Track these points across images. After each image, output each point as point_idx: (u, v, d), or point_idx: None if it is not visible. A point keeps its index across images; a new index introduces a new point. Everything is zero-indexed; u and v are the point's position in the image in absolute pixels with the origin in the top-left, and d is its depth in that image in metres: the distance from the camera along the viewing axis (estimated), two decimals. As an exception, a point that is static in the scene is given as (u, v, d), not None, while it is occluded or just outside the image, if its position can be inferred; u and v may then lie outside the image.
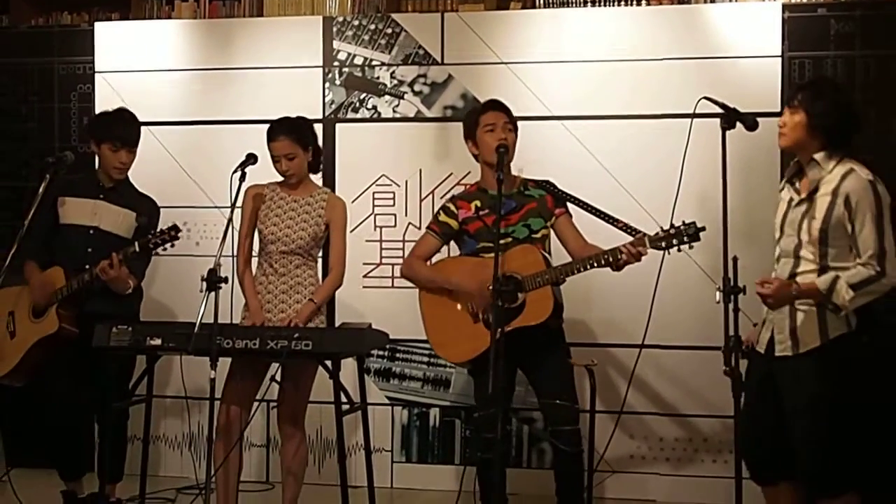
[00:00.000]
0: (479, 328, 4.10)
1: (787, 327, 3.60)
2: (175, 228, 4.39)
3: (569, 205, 4.30)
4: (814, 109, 3.58)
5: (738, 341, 3.48)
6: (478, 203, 4.29)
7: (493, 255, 3.85)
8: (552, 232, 4.30)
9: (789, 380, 3.57)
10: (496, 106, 4.31)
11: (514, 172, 4.32)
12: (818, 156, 3.61)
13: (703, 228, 3.85)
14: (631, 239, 3.97)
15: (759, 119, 3.70)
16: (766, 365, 3.66)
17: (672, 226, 3.88)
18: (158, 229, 4.46)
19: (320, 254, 4.50)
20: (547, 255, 4.20)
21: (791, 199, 3.69)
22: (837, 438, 3.51)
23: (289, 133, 4.35)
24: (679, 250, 3.91)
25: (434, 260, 4.48)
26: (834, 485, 3.54)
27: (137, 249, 4.39)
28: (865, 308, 3.53)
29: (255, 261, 4.49)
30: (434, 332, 4.29)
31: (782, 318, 3.62)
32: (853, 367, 3.55)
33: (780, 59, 5.05)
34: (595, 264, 4.00)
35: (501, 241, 4.10)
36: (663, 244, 3.90)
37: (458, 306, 4.22)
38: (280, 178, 4.45)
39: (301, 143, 4.38)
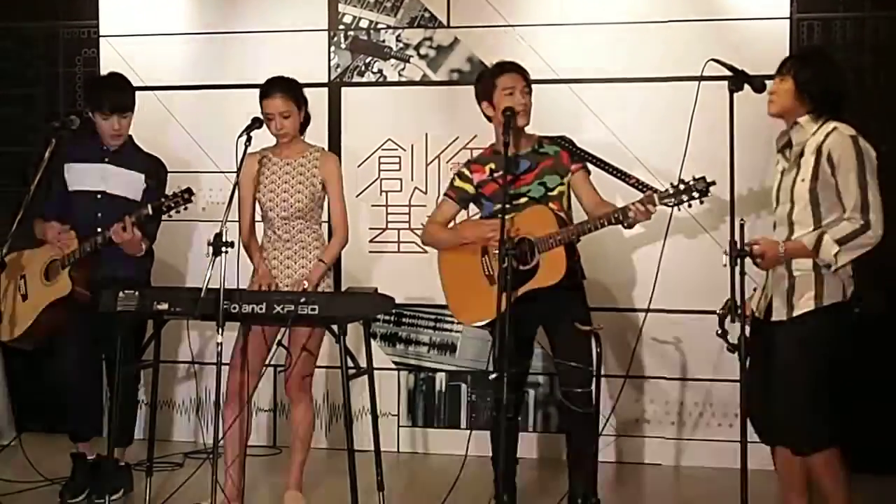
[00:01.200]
0: (496, 291, 4.09)
1: (784, 293, 3.64)
2: (189, 191, 4.37)
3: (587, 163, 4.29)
4: (801, 77, 3.62)
5: (735, 305, 3.51)
6: (492, 166, 4.28)
7: (510, 215, 3.84)
8: (570, 189, 4.28)
9: (782, 342, 3.62)
10: (515, 68, 4.26)
11: (529, 131, 4.28)
12: (802, 119, 3.64)
13: (713, 183, 3.83)
14: (641, 197, 3.96)
15: (767, 82, 3.68)
16: (764, 330, 3.70)
17: (681, 181, 3.87)
18: (172, 192, 4.44)
19: (324, 216, 4.50)
20: (563, 214, 4.19)
21: (784, 168, 3.72)
22: (822, 398, 3.57)
23: (285, 91, 4.32)
24: (689, 206, 3.90)
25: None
26: (816, 440, 3.59)
27: (150, 212, 4.38)
28: (859, 281, 3.59)
29: (260, 227, 4.48)
30: (453, 296, 4.30)
31: (779, 283, 3.66)
32: (843, 334, 3.60)
33: (788, 21, 5.02)
34: (606, 223, 4.00)
35: (517, 202, 4.15)
36: (673, 200, 3.89)
37: (475, 271, 4.23)
38: (270, 145, 4.42)
39: (296, 102, 4.35)
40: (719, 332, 3.63)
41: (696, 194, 3.85)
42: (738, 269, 3.46)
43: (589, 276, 4.30)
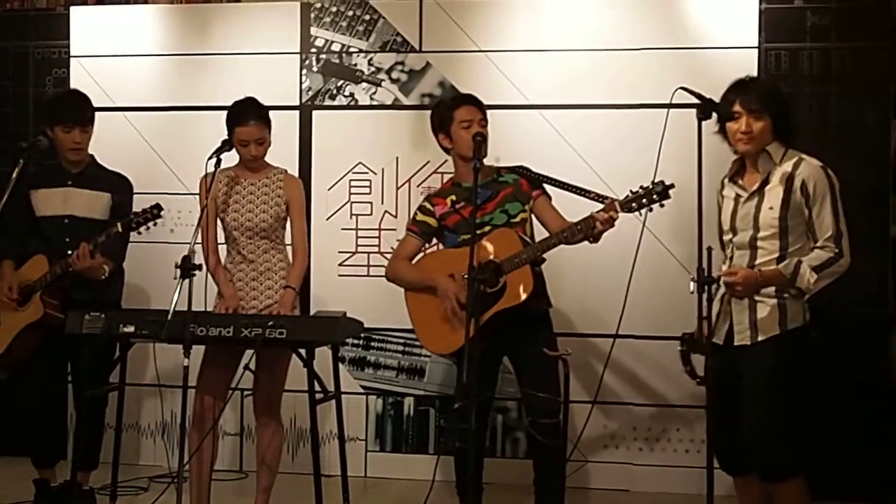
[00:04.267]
0: (465, 318, 4.08)
1: (746, 318, 3.67)
2: (157, 207, 4.35)
3: (546, 187, 4.30)
4: (776, 113, 3.69)
5: (700, 336, 3.56)
6: (453, 197, 4.29)
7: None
8: (532, 216, 4.29)
9: (748, 365, 3.64)
10: (472, 101, 4.28)
11: (488, 163, 4.29)
12: (770, 147, 3.70)
13: (672, 186, 3.84)
14: (602, 206, 3.97)
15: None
16: (726, 357, 3.70)
17: (641, 186, 3.89)
18: (141, 209, 4.40)
19: (288, 238, 4.48)
20: (526, 237, 4.19)
21: (738, 196, 3.77)
22: (789, 423, 3.59)
23: (258, 117, 4.30)
24: (651, 210, 3.90)
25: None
26: (784, 467, 3.60)
27: (120, 230, 4.35)
28: (817, 305, 3.64)
29: (224, 248, 4.46)
30: (422, 328, 4.27)
31: (741, 309, 3.68)
32: (806, 356, 3.67)
33: (756, 50, 5.06)
34: (570, 236, 4.00)
35: (480, 231, 4.13)
36: (634, 205, 3.90)
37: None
38: (233, 164, 4.41)
39: (268, 127, 4.35)
40: (685, 369, 3.71)
41: (655, 197, 3.86)
42: (704, 295, 3.46)
43: (553, 302, 4.30)
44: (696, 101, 3.61)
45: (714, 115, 3.63)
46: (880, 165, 4.93)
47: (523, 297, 4.02)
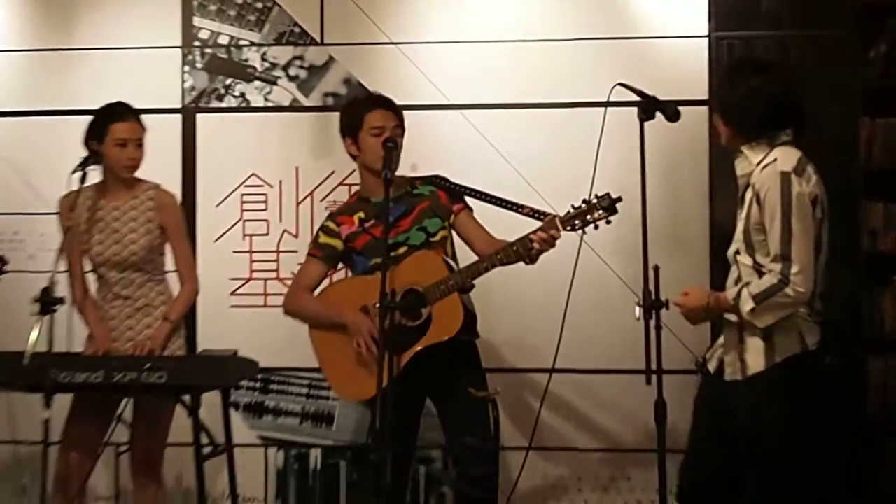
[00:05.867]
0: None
1: (735, 348, 3.65)
2: (2, 261, 4.29)
3: (468, 199, 4.31)
4: (720, 105, 3.71)
5: (703, 362, 3.63)
6: (361, 215, 4.28)
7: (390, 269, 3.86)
8: (453, 232, 4.30)
9: (738, 406, 3.63)
10: (385, 104, 4.29)
11: (399, 172, 4.27)
12: (744, 148, 3.68)
13: (619, 199, 3.87)
14: (540, 224, 3.98)
15: (683, 108, 3.75)
16: (717, 387, 3.72)
17: (584, 200, 3.91)
18: None
19: (167, 264, 4.45)
20: (450, 259, 4.20)
21: (739, 198, 3.76)
22: (785, 468, 3.58)
23: (136, 114, 4.31)
24: (596, 227, 3.92)
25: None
26: None
27: None
28: (832, 324, 3.63)
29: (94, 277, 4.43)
30: (332, 371, 4.26)
31: (732, 336, 3.67)
32: (806, 390, 3.60)
33: (706, 39, 5.13)
34: (505, 259, 4.00)
35: (395, 253, 4.12)
36: (577, 222, 3.91)
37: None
38: (91, 183, 4.37)
39: (144, 129, 4.34)
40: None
41: (601, 212, 3.88)
42: (653, 322, 3.49)
43: (482, 334, 4.32)
44: (637, 98, 3.65)
45: (658, 114, 3.66)
46: (848, 169, 5.00)
47: (453, 331, 4.02)
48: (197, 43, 5.46)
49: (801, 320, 3.57)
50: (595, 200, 3.89)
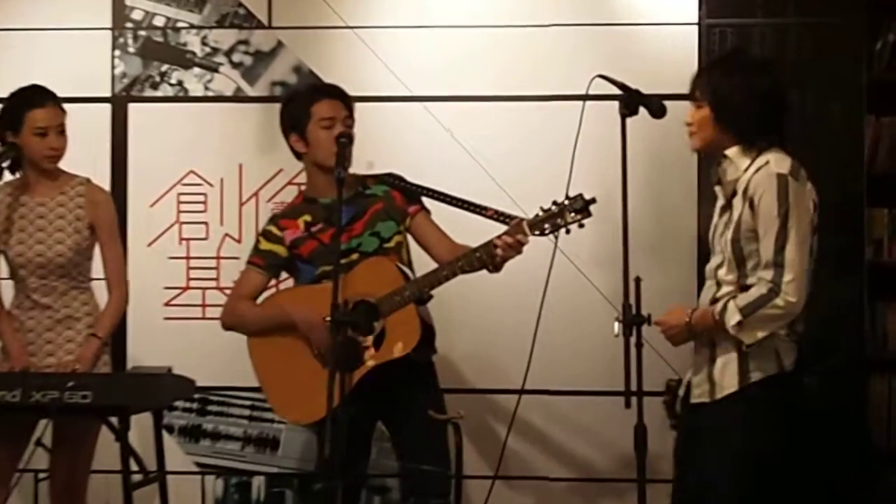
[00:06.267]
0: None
1: (704, 368, 3.66)
2: None
3: (425, 200, 4.31)
4: (715, 98, 3.63)
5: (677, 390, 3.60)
6: (307, 218, 4.25)
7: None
8: (409, 237, 4.30)
9: (705, 431, 3.62)
10: (333, 93, 4.28)
11: (352, 169, 4.25)
12: (731, 151, 3.66)
13: (593, 200, 3.86)
14: (506, 228, 3.97)
15: (670, 103, 3.74)
16: (689, 416, 3.72)
17: (554, 203, 3.89)
18: None
19: (94, 271, 4.43)
20: (405, 267, 4.19)
21: (721, 208, 3.76)
22: (758, 499, 3.58)
23: (57, 99, 4.30)
24: (568, 232, 3.92)
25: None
26: None
27: None
28: (814, 339, 3.62)
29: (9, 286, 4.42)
30: (274, 390, 4.24)
31: (702, 356, 3.68)
32: (783, 413, 3.60)
33: (696, 27, 5.14)
34: (466, 267, 3.99)
35: (346, 259, 4.11)
36: (547, 227, 3.90)
37: (302, 351, 4.17)
38: (10, 179, 4.37)
39: (65, 114, 4.34)
40: (671, 423, 3.71)
41: (574, 215, 3.87)
42: (633, 339, 3.46)
43: (443, 351, 4.33)
44: (618, 91, 3.63)
45: (641, 109, 3.64)
46: (851, 171, 5.03)
47: (410, 347, 4.01)
48: (129, 24, 5.43)
49: (777, 339, 3.57)
50: (567, 202, 3.88)
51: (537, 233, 3.92)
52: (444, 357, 4.35)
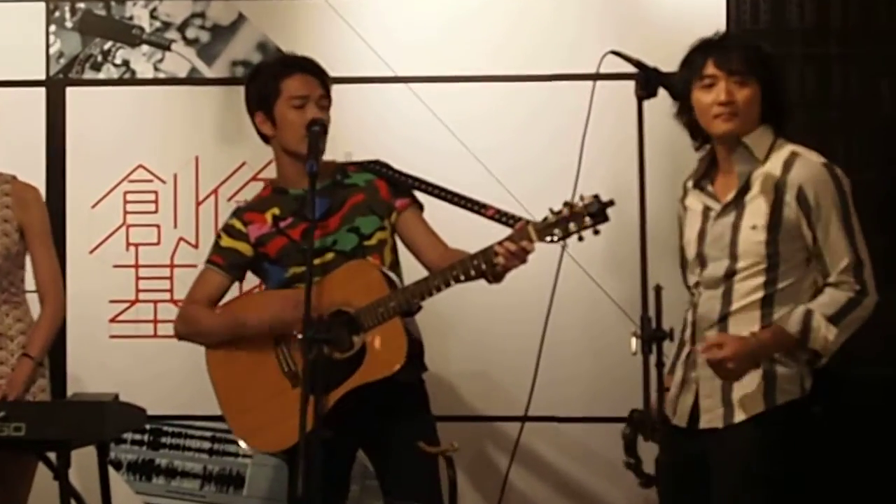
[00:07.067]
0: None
1: (718, 389, 3.71)
2: None
3: (416, 194, 4.31)
4: (768, 79, 3.72)
5: (649, 417, 3.53)
6: (276, 211, 4.26)
7: (314, 280, 3.88)
8: (394, 235, 4.29)
9: (720, 456, 3.67)
10: (307, 66, 4.27)
11: (327, 156, 4.24)
12: (752, 137, 3.73)
13: (611, 203, 3.82)
14: (510, 232, 3.96)
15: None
16: (687, 444, 3.75)
17: (566, 203, 3.85)
18: None
19: (25, 282, 4.46)
20: (390, 272, 4.19)
21: (707, 209, 3.82)
22: None
23: None
24: (581, 239, 3.88)
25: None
26: None
27: None
28: (821, 368, 3.68)
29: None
30: (235, 412, 4.24)
31: (711, 376, 3.71)
32: (803, 442, 3.68)
33: (724, -3, 5.19)
34: (462, 276, 3.97)
35: (320, 260, 4.11)
36: (557, 233, 3.86)
37: (268, 368, 4.18)
38: None
39: None
40: (628, 461, 3.75)
41: (588, 220, 3.84)
42: (653, 357, 3.48)
43: (436, 369, 4.35)
44: (633, 70, 3.65)
45: (661, 90, 3.66)
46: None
47: (395, 367, 4.00)
48: (66, -5, 5.47)
49: (801, 362, 3.66)
50: (581, 204, 3.86)
51: (546, 239, 3.88)
52: (435, 377, 4.35)
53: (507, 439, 5.04)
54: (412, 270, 4.26)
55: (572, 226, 3.85)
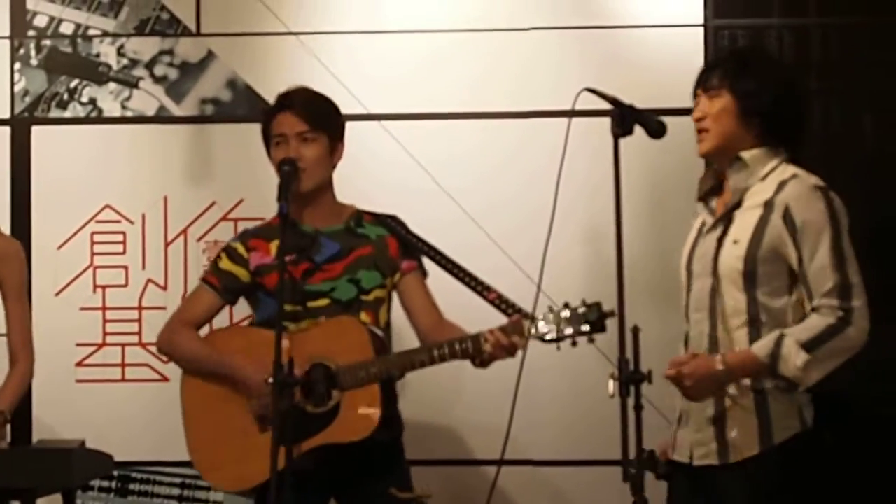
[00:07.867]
0: (269, 440, 4.03)
1: (709, 424, 3.67)
2: None
3: (425, 260, 4.33)
4: (742, 88, 3.68)
5: (652, 456, 3.48)
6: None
7: (300, 325, 3.92)
8: (393, 294, 4.31)
9: (719, 496, 3.64)
10: (289, 104, 4.28)
11: (350, 200, 4.31)
12: (749, 154, 3.70)
13: (612, 313, 3.83)
14: (504, 322, 3.99)
15: (670, 119, 3.72)
16: (691, 480, 3.73)
17: (566, 306, 3.90)
18: None
19: None
20: (379, 331, 4.20)
21: (703, 224, 3.80)
22: None
23: None
24: (574, 344, 3.93)
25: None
26: None
27: None
28: (829, 393, 3.63)
29: None
30: (199, 443, 4.23)
31: (703, 408, 3.69)
32: (808, 480, 3.61)
33: (702, 29, 5.19)
34: (448, 357, 4.02)
35: (314, 304, 4.14)
36: (553, 335, 3.91)
37: (238, 406, 4.17)
38: None
39: None
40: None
41: (585, 328, 3.88)
42: (631, 400, 3.47)
43: (411, 416, 4.36)
44: (609, 107, 3.65)
45: (636, 128, 3.66)
46: (886, 194, 5.10)
47: (363, 434, 4.01)
48: (32, 32, 5.45)
49: (799, 392, 3.59)
50: (581, 310, 3.89)
51: (539, 340, 3.92)
52: (410, 420, 4.35)
53: (482, 484, 4.99)
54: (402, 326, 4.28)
55: (569, 330, 3.89)
